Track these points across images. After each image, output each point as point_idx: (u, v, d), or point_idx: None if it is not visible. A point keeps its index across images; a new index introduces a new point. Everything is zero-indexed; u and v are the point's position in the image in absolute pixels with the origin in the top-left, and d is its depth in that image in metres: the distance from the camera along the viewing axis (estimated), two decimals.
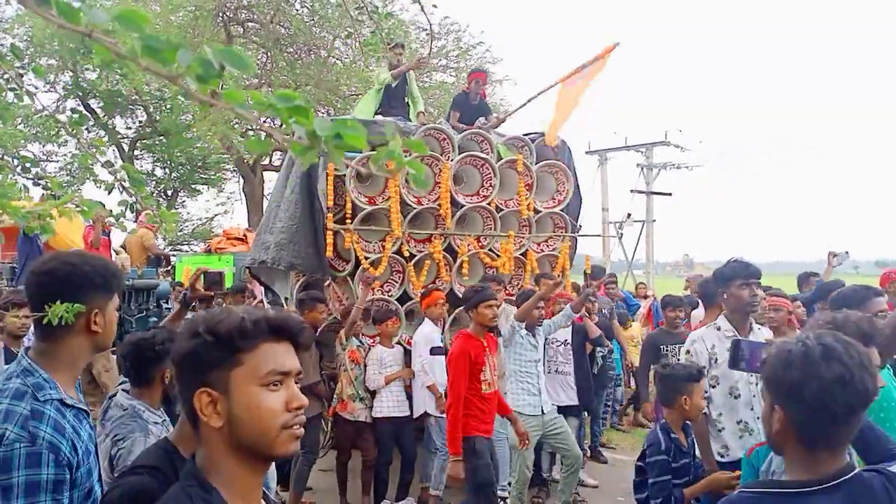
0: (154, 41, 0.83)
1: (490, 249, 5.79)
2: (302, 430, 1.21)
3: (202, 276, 3.23)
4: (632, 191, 18.95)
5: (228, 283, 7.36)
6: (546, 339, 5.20)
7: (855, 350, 1.47)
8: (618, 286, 8.92)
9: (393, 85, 6.38)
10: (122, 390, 2.57)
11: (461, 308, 5.62)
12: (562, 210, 6.13)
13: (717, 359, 3.39)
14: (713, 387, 3.40)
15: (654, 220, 19.19)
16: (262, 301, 6.61)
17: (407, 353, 5.33)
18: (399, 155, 0.94)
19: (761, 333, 3.46)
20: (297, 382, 1.23)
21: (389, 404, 5.12)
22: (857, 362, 1.44)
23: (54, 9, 0.83)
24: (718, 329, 3.47)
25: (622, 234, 18.37)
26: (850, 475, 1.47)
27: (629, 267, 20.15)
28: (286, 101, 0.89)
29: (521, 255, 5.93)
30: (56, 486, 1.55)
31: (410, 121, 6.42)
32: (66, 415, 1.66)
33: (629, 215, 18.41)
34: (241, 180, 19.09)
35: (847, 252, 5.46)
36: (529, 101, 6.22)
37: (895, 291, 5.22)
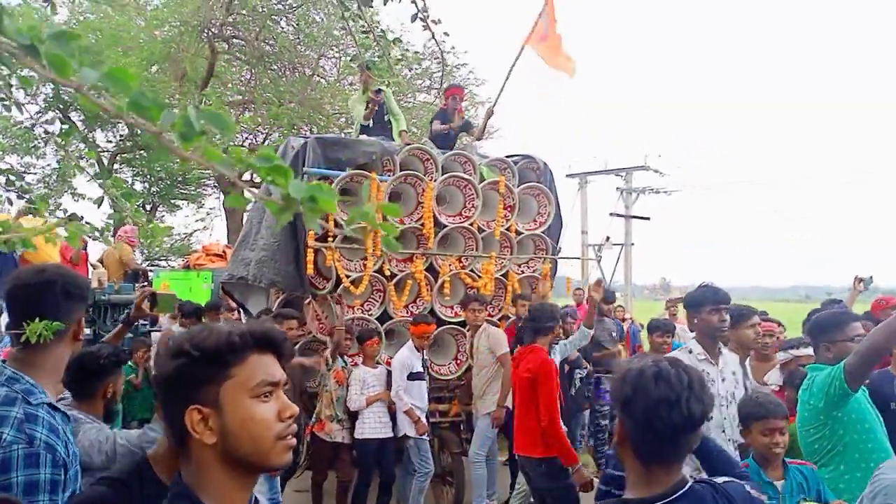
0: (141, 98, 0.85)
1: (471, 270, 5.81)
2: (294, 440, 1.21)
3: (150, 297, 3.18)
4: (611, 214, 19.20)
5: (203, 300, 7.30)
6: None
7: (687, 375, 1.56)
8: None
9: (369, 125, 6.40)
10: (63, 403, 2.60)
11: (443, 327, 5.64)
12: (543, 232, 6.18)
13: None
14: None
15: (633, 244, 19.44)
16: (239, 318, 6.54)
17: (390, 374, 5.30)
18: (372, 216, 0.95)
19: (729, 357, 3.51)
20: (284, 392, 1.23)
21: (372, 425, 5.07)
22: (685, 387, 1.53)
23: (44, 60, 0.84)
24: (690, 352, 3.52)
25: (601, 256, 18.58)
26: (685, 489, 1.57)
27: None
28: (265, 161, 0.91)
29: (501, 276, 5.95)
30: (53, 485, 1.57)
31: (393, 139, 6.45)
32: (56, 417, 1.68)
33: (608, 238, 18.65)
34: (222, 196, 18.96)
35: (871, 277, 5.43)
36: (507, 80, 6.61)
37: None
